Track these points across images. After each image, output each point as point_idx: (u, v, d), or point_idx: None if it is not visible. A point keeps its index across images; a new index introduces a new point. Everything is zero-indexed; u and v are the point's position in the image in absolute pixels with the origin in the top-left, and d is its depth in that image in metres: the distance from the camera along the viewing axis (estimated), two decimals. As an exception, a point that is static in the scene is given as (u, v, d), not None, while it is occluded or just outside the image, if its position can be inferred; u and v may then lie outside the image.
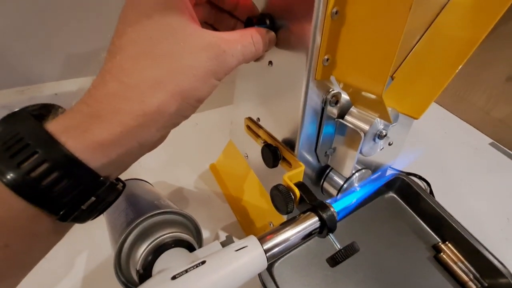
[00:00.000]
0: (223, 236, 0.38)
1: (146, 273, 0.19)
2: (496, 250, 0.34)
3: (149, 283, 0.16)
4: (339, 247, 0.19)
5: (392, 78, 0.26)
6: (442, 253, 0.36)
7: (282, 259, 0.32)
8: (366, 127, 0.22)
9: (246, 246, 0.17)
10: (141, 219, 0.20)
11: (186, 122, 0.17)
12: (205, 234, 0.36)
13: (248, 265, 0.16)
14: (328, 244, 0.22)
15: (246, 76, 0.28)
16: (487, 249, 0.35)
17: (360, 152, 0.24)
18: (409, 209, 0.42)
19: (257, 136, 0.28)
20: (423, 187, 0.48)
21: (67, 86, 0.37)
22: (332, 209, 0.19)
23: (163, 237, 0.19)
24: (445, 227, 0.38)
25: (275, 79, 0.24)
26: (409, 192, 0.42)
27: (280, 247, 0.18)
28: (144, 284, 0.16)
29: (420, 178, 0.50)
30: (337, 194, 0.26)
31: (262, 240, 0.18)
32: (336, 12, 0.18)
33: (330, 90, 0.22)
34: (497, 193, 0.51)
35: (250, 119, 0.29)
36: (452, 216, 0.38)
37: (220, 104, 0.56)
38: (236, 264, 0.16)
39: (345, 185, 0.25)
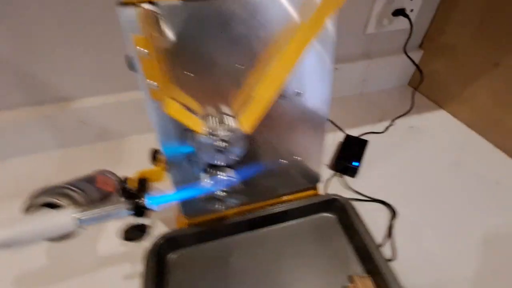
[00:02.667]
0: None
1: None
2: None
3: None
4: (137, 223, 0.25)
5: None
6: (350, 285, 0.33)
7: (182, 251, 0.37)
8: (199, 138, 0.27)
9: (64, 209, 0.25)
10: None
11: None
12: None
13: (56, 220, 0.24)
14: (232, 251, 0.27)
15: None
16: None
17: (204, 159, 0.28)
18: (343, 233, 0.39)
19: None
20: (388, 216, 0.43)
21: (93, 102, 0.54)
22: (140, 201, 0.25)
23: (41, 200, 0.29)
24: (369, 259, 0.35)
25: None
26: (345, 216, 0.39)
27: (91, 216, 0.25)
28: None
29: (385, 204, 0.45)
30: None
31: (82, 209, 0.25)
32: (148, 53, 0.24)
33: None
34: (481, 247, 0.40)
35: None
36: (377, 248, 0.35)
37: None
38: (49, 216, 0.24)
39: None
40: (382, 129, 0.60)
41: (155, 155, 0.31)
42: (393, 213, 0.44)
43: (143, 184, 0.27)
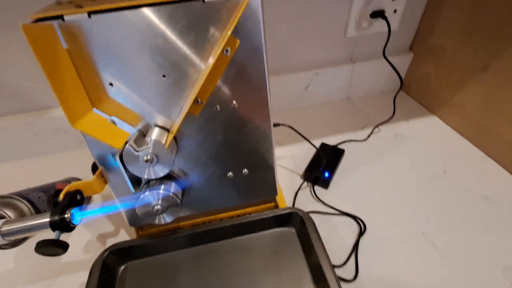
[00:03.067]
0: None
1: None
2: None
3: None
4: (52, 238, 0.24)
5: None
6: (297, 307, 0.31)
7: (133, 263, 0.37)
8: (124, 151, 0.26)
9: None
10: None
11: None
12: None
13: None
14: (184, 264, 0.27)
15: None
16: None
17: (131, 172, 0.27)
18: (301, 249, 0.37)
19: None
20: (357, 230, 0.40)
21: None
22: (64, 215, 0.25)
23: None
24: (318, 279, 0.33)
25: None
26: (303, 231, 0.37)
27: (18, 229, 0.25)
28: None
29: (355, 219, 0.42)
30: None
31: (6, 221, 0.25)
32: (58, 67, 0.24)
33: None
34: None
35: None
36: (331, 268, 0.32)
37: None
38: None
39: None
40: (364, 137, 0.56)
41: (94, 167, 0.31)
42: (362, 228, 0.41)
43: (73, 196, 0.27)
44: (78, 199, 0.28)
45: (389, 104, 0.63)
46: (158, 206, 0.29)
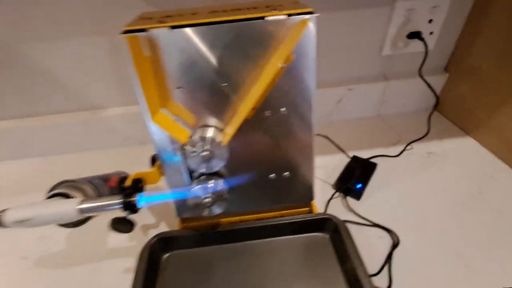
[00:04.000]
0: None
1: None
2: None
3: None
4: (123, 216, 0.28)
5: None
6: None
7: (175, 253, 0.39)
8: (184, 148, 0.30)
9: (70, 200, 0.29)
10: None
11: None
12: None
13: (61, 207, 0.28)
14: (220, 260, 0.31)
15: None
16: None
17: (190, 167, 0.31)
18: (335, 255, 0.38)
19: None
20: (390, 243, 0.41)
21: (119, 111, 0.61)
22: (131, 198, 0.28)
23: (58, 190, 0.34)
24: (356, 285, 0.33)
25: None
26: (337, 237, 0.39)
27: (93, 208, 0.29)
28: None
29: (388, 231, 0.42)
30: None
31: (85, 200, 0.29)
32: (142, 71, 0.29)
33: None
34: None
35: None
36: (368, 277, 0.33)
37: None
38: (55, 204, 0.28)
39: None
40: (396, 153, 0.57)
41: (154, 160, 0.35)
42: (395, 241, 0.41)
43: (136, 183, 0.31)
44: (140, 186, 0.31)
45: (420, 122, 0.64)
46: (208, 199, 0.32)
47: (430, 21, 0.56)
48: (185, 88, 0.30)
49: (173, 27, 0.27)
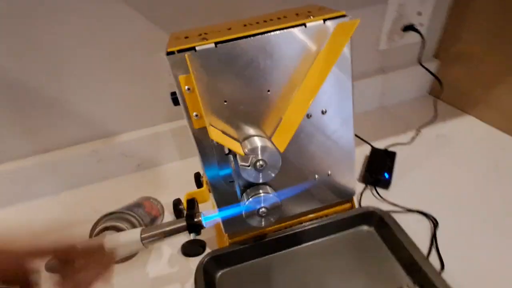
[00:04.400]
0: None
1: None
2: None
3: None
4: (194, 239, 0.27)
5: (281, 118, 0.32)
6: (400, 297, 0.33)
7: (228, 270, 0.39)
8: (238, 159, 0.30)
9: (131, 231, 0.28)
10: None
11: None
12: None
13: (127, 239, 0.27)
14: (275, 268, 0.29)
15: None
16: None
17: (244, 179, 0.30)
18: (385, 246, 0.39)
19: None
20: (430, 225, 0.43)
21: (132, 136, 0.60)
22: (196, 219, 0.28)
23: (106, 224, 0.32)
24: (417, 270, 0.34)
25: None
26: (384, 228, 0.39)
27: (155, 236, 0.28)
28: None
29: (424, 215, 0.44)
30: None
31: (144, 230, 0.28)
32: (188, 89, 0.28)
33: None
34: None
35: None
36: (426, 260, 0.34)
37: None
38: (118, 238, 0.27)
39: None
40: (408, 140, 0.60)
41: (198, 178, 0.34)
42: (434, 223, 0.43)
43: (192, 203, 0.30)
44: (196, 206, 0.31)
45: (421, 108, 0.68)
46: (263, 209, 0.32)
47: (419, 13, 0.60)
48: (230, 101, 0.30)
49: (219, 42, 0.27)
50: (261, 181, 0.31)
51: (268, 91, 0.31)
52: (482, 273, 0.37)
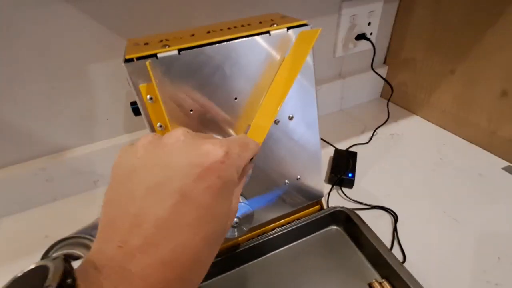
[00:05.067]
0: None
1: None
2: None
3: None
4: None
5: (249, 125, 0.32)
6: (371, 291, 0.34)
7: (200, 286, 0.37)
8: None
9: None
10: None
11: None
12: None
13: None
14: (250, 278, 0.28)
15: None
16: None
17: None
18: (352, 243, 0.41)
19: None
20: (390, 220, 0.46)
21: (85, 150, 0.54)
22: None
23: (60, 252, 0.29)
24: (382, 264, 0.36)
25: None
26: (351, 226, 0.41)
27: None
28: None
29: (386, 210, 0.47)
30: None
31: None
32: (151, 98, 0.27)
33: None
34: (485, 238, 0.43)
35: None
36: (390, 252, 0.36)
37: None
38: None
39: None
40: (367, 140, 0.64)
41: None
42: (395, 217, 0.46)
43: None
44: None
45: (375, 110, 0.73)
46: (236, 219, 0.31)
47: (369, 23, 0.65)
48: (196, 111, 0.29)
49: (183, 49, 0.26)
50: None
51: (235, 98, 0.30)
52: (441, 260, 0.40)
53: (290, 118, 0.34)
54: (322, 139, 0.64)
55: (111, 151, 0.55)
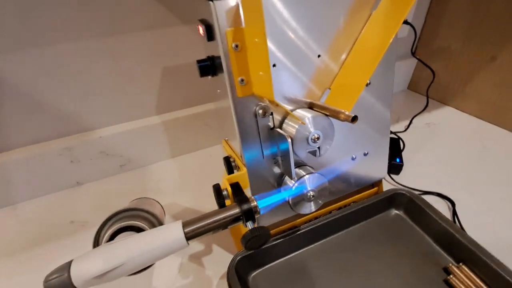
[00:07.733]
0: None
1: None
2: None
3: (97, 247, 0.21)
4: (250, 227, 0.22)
5: (329, 89, 0.29)
6: (452, 276, 0.31)
7: (261, 270, 0.33)
8: (293, 131, 0.25)
9: (167, 226, 0.21)
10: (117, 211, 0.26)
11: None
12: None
13: (166, 238, 0.20)
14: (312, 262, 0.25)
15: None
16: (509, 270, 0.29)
17: (297, 155, 0.26)
18: (416, 227, 0.38)
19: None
20: (447, 206, 0.43)
21: (113, 130, 0.50)
22: (252, 204, 0.22)
23: (122, 223, 0.25)
24: (457, 246, 0.33)
25: (221, 103, 0.29)
26: (414, 209, 0.38)
27: (201, 229, 0.21)
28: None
29: (442, 196, 0.45)
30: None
31: (185, 222, 0.22)
32: (236, 46, 0.24)
33: (258, 104, 0.27)
34: None
35: (225, 140, 0.35)
36: (465, 234, 0.33)
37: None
38: (153, 236, 0.20)
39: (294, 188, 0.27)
40: (403, 128, 0.62)
41: (229, 162, 0.29)
42: (452, 203, 0.43)
43: (238, 188, 0.25)
44: (242, 191, 0.25)
45: (404, 100, 0.71)
46: (313, 192, 0.28)
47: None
48: (282, 65, 0.26)
49: None
50: (319, 155, 0.27)
51: (319, 56, 0.27)
52: (505, 239, 0.37)
53: (367, 84, 0.31)
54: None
55: (139, 132, 0.52)
